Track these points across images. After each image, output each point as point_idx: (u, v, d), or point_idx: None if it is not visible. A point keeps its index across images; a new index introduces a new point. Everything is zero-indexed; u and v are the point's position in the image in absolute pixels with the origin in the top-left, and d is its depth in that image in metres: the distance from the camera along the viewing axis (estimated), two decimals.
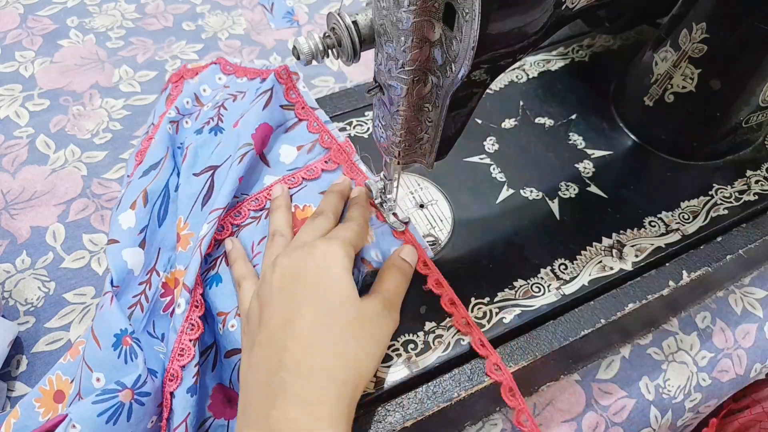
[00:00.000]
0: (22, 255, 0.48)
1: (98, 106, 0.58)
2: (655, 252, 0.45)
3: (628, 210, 0.47)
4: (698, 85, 0.47)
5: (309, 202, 0.44)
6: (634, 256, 0.44)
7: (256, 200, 0.45)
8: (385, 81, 0.32)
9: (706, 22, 0.45)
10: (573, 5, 0.32)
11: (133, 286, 0.40)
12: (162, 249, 0.43)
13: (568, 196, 0.48)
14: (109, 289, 0.38)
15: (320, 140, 0.47)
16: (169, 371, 0.36)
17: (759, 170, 0.51)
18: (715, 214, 0.47)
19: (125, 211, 0.42)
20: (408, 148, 0.36)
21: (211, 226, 0.41)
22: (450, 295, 0.40)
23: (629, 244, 0.45)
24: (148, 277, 0.41)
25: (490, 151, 0.50)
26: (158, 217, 0.44)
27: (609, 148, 0.52)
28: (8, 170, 0.53)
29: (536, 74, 0.57)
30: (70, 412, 0.33)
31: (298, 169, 0.46)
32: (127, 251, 0.40)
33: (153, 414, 0.36)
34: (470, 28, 0.25)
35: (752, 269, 0.52)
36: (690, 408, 0.46)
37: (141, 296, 0.40)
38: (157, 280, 0.42)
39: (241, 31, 0.66)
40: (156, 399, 0.36)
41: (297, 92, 0.49)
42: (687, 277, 0.43)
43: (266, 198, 0.45)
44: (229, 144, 0.46)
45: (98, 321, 0.37)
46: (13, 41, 0.63)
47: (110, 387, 0.34)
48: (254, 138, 0.45)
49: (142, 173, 0.45)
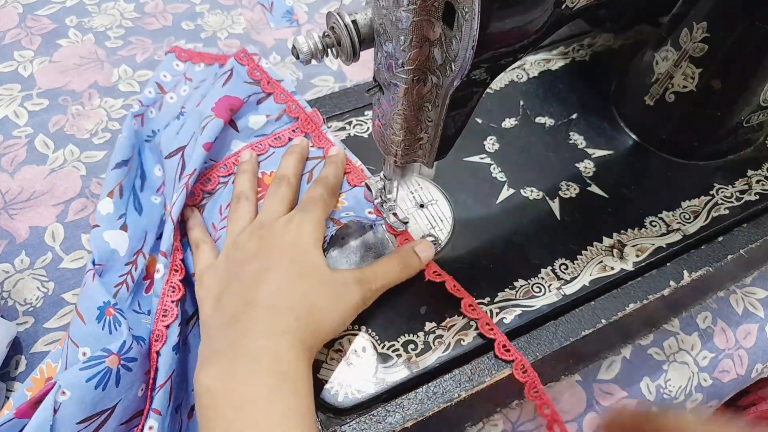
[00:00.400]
0: (21, 255, 0.48)
1: (97, 105, 0.58)
2: (656, 252, 0.45)
3: (629, 210, 0.47)
4: (699, 84, 0.47)
5: (276, 168, 0.45)
6: (635, 256, 0.44)
7: (224, 166, 0.46)
8: (385, 80, 0.32)
9: (707, 22, 0.44)
10: (573, 4, 0.32)
11: (119, 266, 0.41)
12: (149, 232, 0.45)
13: (568, 196, 0.48)
14: (90, 267, 0.39)
15: (288, 110, 0.49)
16: (154, 333, 0.38)
17: (760, 170, 0.51)
18: (716, 214, 0.47)
19: (103, 199, 0.43)
20: (408, 147, 0.36)
21: (179, 193, 0.42)
22: (453, 282, 0.41)
23: (630, 244, 0.45)
24: (135, 258, 0.42)
25: (491, 151, 0.50)
26: (135, 207, 0.45)
27: (610, 147, 0.52)
28: (7, 170, 0.52)
29: (537, 74, 0.57)
30: (58, 380, 0.33)
31: (266, 135, 0.48)
32: (107, 233, 0.42)
33: (142, 381, 0.36)
34: (470, 28, 0.25)
35: (753, 269, 0.51)
36: (691, 409, 0.46)
37: (127, 276, 0.41)
38: (143, 262, 0.43)
39: (240, 30, 0.66)
40: (143, 366, 0.36)
41: (260, 69, 0.50)
42: (688, 277, 0.43)
43: (234, 164, 0.46)
44: (193, 123, 0.47)
45: (81, 298, 0.38)
46: (12, 41, 0.63)
47: (97, 354, 0.34)
48: (215, 110, 0.46)
49: (114, 165, 0.46)
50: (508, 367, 0.38)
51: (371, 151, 0.47)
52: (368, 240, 0.44)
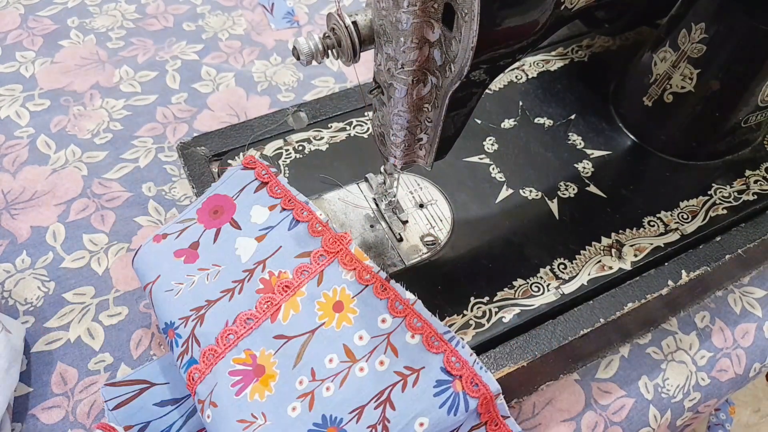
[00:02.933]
0: (22, 255, 0.48)
1: (99, 106, 0.58)
2: (654, 252, 0.45)
3: (628, 210, 0.47)
4: (697, 85, 0.47)
5: (283, 267, 0.40)
6: (633, 256, 0.44)
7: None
8: (385, 81, 0.32)
9: (705, 23, 0.45)
10: (572, 5, 0.32)
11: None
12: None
13: (567, 196, 0.48)
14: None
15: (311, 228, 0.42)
16: None
17: (758, 170, 0.51)
18: (714, 214, 0.47)
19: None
20: (407, 148, 0.37)
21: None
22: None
23: (628, 244, 0.45)
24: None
25: (490, 151, 0.51)
26: None
27: (608, 148, 0.52)
28: (9, 170, 0.53)
29: (535, 74, 0.57)
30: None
31: (272, 228, 0.42)
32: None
33: None
34: (469, 29, 0.26)
35: (751, 269, 0.52)
36: (689, 407, 0.46)
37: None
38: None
39: (241, 31, 0.67)
40: None
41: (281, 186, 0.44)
42: (686, 277, 0.44)
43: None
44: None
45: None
46: (14, 41, 0.63)
47: None
48: (199, 212, 0.43)
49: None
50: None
51: (371, 151, 0.47)
52: (368, 240, 0.45)
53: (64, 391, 0.42)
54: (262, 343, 0.38)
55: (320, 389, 0.36)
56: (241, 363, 0.37)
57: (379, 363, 0.37)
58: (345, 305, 0.39)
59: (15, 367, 0.40)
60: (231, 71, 0.62)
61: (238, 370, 0.37)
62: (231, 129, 0.51)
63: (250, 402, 0.36)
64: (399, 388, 0.36)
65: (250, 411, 0.36)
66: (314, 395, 0.36)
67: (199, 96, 0.60)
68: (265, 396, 0.37)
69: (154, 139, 0.56)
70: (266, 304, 0.39)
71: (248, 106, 0.60)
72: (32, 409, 0.41)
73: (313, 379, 0.37)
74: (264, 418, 0.36)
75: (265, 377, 0.37)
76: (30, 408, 0.41)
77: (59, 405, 0.42)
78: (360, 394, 0.36)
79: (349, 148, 0.50)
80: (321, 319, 0.39)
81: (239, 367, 0.37)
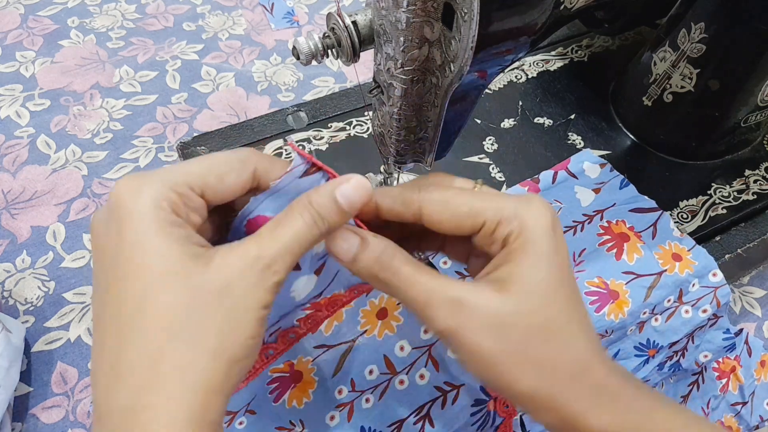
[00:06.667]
0: (23, 254, 0.48)
1: (99, 106, 0.58)
2: None
3: None
4: (697, 85, 0.47)
5: (337, 289, 0.34)
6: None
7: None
8: (385, 81, 0.32)
9: (705, 22, 0.45)
10: (571, 6, 0.32)
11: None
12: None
13: None
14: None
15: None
16: None
17: (757, 170, 0.51)
18: (713, 214, 0.47)
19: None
20: (407, 147, 0.37)
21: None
22: None
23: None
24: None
25: (490, 151, 0.51)
26: None
27: (608, 147, 0.52)
28: (9, 170, 0.53)
29: (535, 74, 0.57)
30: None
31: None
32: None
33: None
34: (469, 29, 0.26)
35: (751, 268, 0.52)
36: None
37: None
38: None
39: (241, 31, 0.67)
40: None
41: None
42: None
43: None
44: None
45: None
46: (14, 41, 0.63)
47: None
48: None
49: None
50: None
51: (371, 151, 0.47)
52: None
53: (65, 390, 0.42)
54: (301, 352, 0.37)
55: (360, 400, 0.36)
56: (278, 372, 0.36)
57: (420, 377, 0.36)
58: (389, 312, 0.38)
59: (15, 366, 0.40)
60: (231, 71, 0.62)
61: (275, 377, 0.36)
62: (231, 129, 0.51)
63: (288, 409, 0.36)
64: (439, 404, 0.36)
65: (288, 418, 0.36)
66: (353, 406, 0.36)
67: (199, 96, 0.60)
68: (303, 403, 0.36)
69: (154, 138, 0.56)
70: (311, 321, 0.36)
71: (248, 106, 0.60)
72: (32, 409, 0.41)
73: (353, 390, 0.36)
74: (302, 425, 0.35)
75: (303, 383, 0.36)
76: (30, 407, 0.41)
77: (59, 404, 0.42)
78: (400, 408, 0.36)
79: (349, 147, 0.50)
80: (363, 327, 0.37)
81: (276, 375, 0.36)
